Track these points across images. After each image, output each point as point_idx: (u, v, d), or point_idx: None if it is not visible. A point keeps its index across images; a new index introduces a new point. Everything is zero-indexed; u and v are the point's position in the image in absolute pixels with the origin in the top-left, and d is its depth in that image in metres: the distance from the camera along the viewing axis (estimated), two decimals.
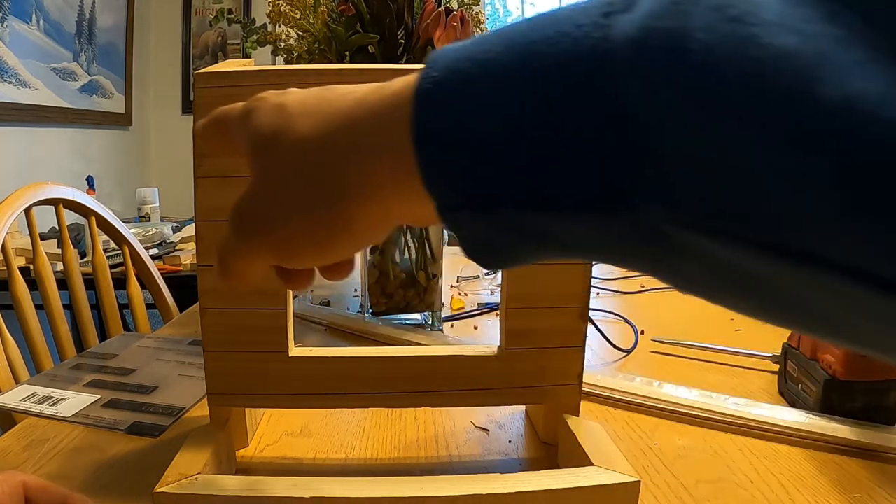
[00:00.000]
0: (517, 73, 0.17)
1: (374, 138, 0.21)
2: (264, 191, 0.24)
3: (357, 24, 0.65)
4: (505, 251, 0.20)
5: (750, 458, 0.46)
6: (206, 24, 3.18)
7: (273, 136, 0.23)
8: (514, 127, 0.17)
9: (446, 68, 0.19)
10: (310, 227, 0.23)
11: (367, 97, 0.22)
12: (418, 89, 0.19)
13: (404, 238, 0.72)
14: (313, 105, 0.23)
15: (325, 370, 0.43)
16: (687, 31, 0.14)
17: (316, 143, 0.22)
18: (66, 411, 0.54)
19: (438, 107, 0.19)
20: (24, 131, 2.24)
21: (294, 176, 0.23)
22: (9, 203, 0.90)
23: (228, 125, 0.27)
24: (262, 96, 0.26)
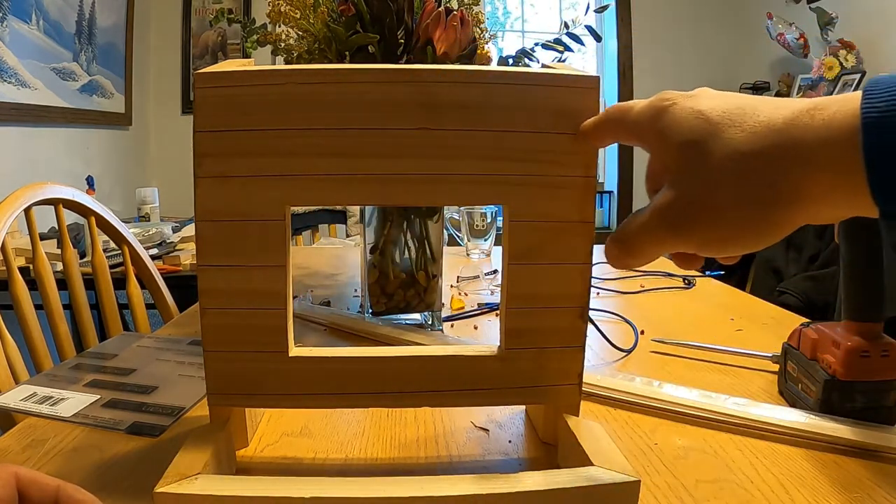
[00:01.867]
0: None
1: (816, 155, 0.25)
2: (698, 192, 0.28)
3: (357, 24, 0.65)
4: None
5: (750, 458, 0.46)
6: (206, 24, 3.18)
7: (700, 140, 0.28)
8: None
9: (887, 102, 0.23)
10: (741, 227, 0.27)
11: (799, 117, 0.26)
12: (865, 118, 0.23)
13: (404, 238, 0.72)
14: (737, 115, 0.27)
15: (325, 370, 0.43)
16: None
17: (752, 154, 0.26)
18: (66, 411, 0.54)
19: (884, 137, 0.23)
20: (24, 131, 2.24)
21: (730, 182, 0.27)
22: (8, 203, 0.90)
23: (628, 122, 0.32)
24: (671, 98, 0.30)
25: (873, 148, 0.23)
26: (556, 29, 0.79)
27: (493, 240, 1.27)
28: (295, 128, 0.40)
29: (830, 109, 0.25)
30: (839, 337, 0.49)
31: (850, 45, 2.75)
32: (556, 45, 0.76)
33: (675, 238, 0.29)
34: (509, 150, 0.41)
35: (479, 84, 0.40)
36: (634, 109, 0.32)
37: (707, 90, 0.31)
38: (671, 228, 0.29)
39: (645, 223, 0.31)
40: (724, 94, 0.30)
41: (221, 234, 0.40)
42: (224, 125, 0.39)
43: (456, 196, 0.43)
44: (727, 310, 0.87)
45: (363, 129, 0.40)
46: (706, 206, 0.28)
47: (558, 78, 0.41)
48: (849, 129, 0.24)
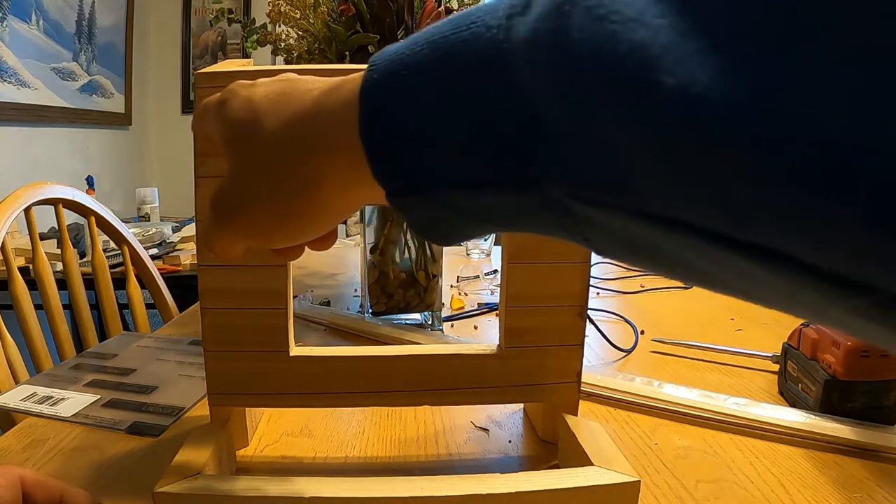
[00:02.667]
0: (439, 73, 0.20)
1: (331, 137, 0.24)
2: (238, 181, 0.27)
3: (357, 24, 0.65)
4: (445, 227, 0.23)
5: (750, 458, 0.46)
6: (206, 24, 3.18)
7: (243, 129, 0.27)
8: (439, 120, 0.20)
9: (383, 70, 0.22)
10: (280, 214, 0.26)
11: (323, 98, 0.25)
12: (361, 91, 0.22)
13: (404, 238, 0.72)
14: (277, 101, 0.26)
15: (326, 370, 0.43)
16: (565, 30, 0.17)
17: (281, 139, 0.25)
18: (66, 411, 0.54)
19: (377, 107, 0.22)
20: (24, 131, 2.24)
21: (263, 169, 0.26)
22: (8, 203, 0.90)
23: (206, 115, 0.30)
24: (233, 88, 0.28)
25: (364, 119, 0.22)
26: None
27: (493, 240, 1.27)
28: None
29: (346, 86, 0.24)
30: (839, 337, 0.49)
31: None
32: None
33: (228, 232, 0.28)
34: None
35: None
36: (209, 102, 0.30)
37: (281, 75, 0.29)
38: (222, 224, 0.28)
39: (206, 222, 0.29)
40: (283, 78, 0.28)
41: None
42: None
43: None
44: (727, 310, 0.87)
45: None
46: (248, 196, 0.26)
47: None
48: (352, 102, 0.22)
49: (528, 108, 0.18)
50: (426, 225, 0.23)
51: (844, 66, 0.12)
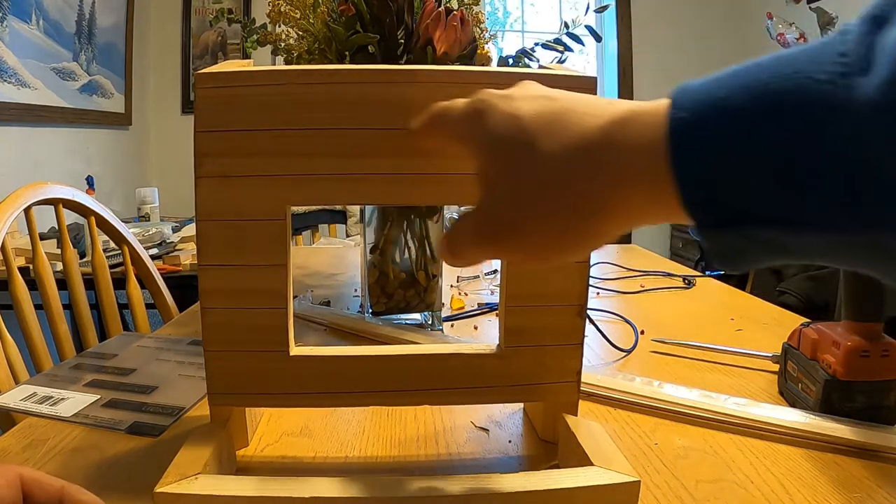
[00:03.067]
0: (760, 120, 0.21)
1: (629, 168, 0.24)
2: (513, 201, 0.27)
3: (357, 24, 0.65)
4: (746, 257, 0.24)
5: (750, 458, 0.46)
6: (206, 24, 3.18)
7: (516, 147, 0.27)
8: (760, 164, 0.21)
9: (694, 112, 0.23)
10: (560, 237, 0.27)
11: (614, 129, 0.25)
12: (671, 130, 0.23)
13: (404, 238, 0.72)
14: (552, 123, 0.26)
15: (326, 369, 0.43)
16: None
17: (567, 164, 0.26)
18: (66, 411, 0.54)
19: (691, 147, 0.23)
20: (24, 131, 2.24)
21: (545, 192, 0.26)
22: (8, 203, 0.90)
23: (449, 123, 0.31)
24: (488, 99, 0.29)
25: (679, 156, 0.23)
26: (556, 29, 0.79)
27: None
28: (295, 128, 0.40)
29: (642, 118, 0.25)
30: (839, 337, 0.49)
31: None
32: (556, 45, 0.76)
33: (496, 246, 0.29)
34: None
35: (479, 84, 0.40)
36: (454, 109, 0.31)
37: (529, 87, 0.30)
38: (490, 237, 0.28)
39: (467, 229, 0.30)
40: (544, 95, 0.28)
41: (222, 234, 0.40)
42: (224, 125, 0.39)
43: (456, 196, 0.43)
44: (727, 310, 0.87)
45: (363, 129, 0.40)
46: (521, 214, 0.27)
47: (556, 79, 0.41)
48: (657, 137, 0.23)
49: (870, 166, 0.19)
50: (727, 254, 0.24)
51: None
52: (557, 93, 0.29)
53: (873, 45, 0.19)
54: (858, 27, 0.21)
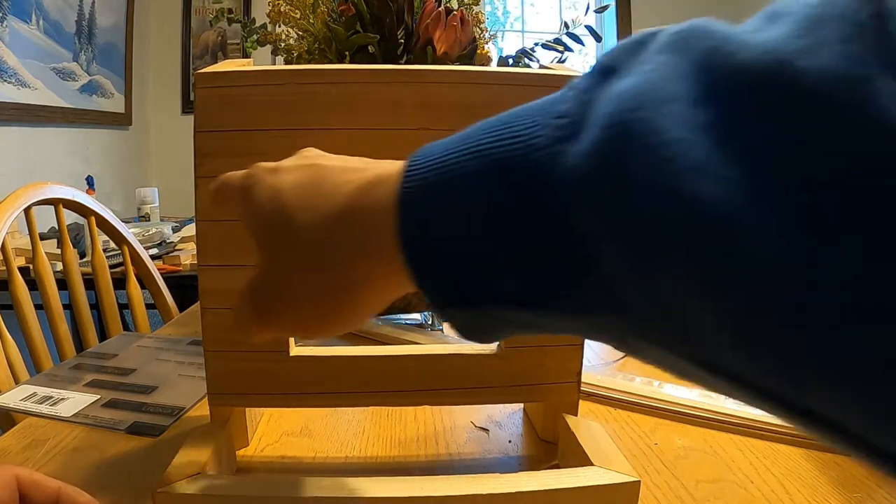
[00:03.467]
0: (482, 190, 0.19)
1: (370, 241, 0.23)
2: (274, 278, 0.26)
3: (357, 24, 0.65)
4: (490, 333, 0.22)
5: (750, 458, 0.46)
6: (206, 24, 3.18)
7: (273, 223, 0.26)
8: (485, 241, 0.19)
9: (422, 179, 0.21)
10: (320, 313, 0.26)
11: (359, 198, 0.24)
12: (401, 200, 0.21)
13: None
14: (307, 195, 0.25)
15: (326, 369, 0.43)
16: (622, 175, 0.16)
17: (317, 240, 0.24)
18: (66, 411, 0.54)
19: (417, 219, 0.21)
20: (24, 131, 2.24)
21: (300, 268, 0.25)
22: (8, 203, 0.90)
23: (229, 195, 0.29)
24: (255, 175, 0.28)
25: (404, 230, 0.21)
26: (556, 29, 0.79)
27: None
28: (295, 128, 0.40)
29: (384, 186, 0.23)
30: None
31: None
32: (556, 45, 0.76)
33: (266, 324, 0.28)
34: None
35: (479, 84, 0.40)
36: (231, 185, 0.29)
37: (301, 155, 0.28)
38: (260, 319, 0.27)
39: (241, 305, 0.29)
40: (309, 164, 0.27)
41: (222, 234, 0.40)
42: (224, 125, 0.39)
43: None
44: None
45: (363, 130, 0.40)
46: (285, 295, 0.26)
47: (556, 79, 0.41)
48: (389, 207, 0.21)
49: (583, 245, 0.17)
50: (469, 329, 0.22)
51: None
52: (326, 158, 0.27)
53: (591, 103, 0.18)
54: (583, 80, 0.19)
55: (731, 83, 0.15)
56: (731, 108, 0.15)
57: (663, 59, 0.17)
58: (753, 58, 0.15)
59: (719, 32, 0.16)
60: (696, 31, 0.17)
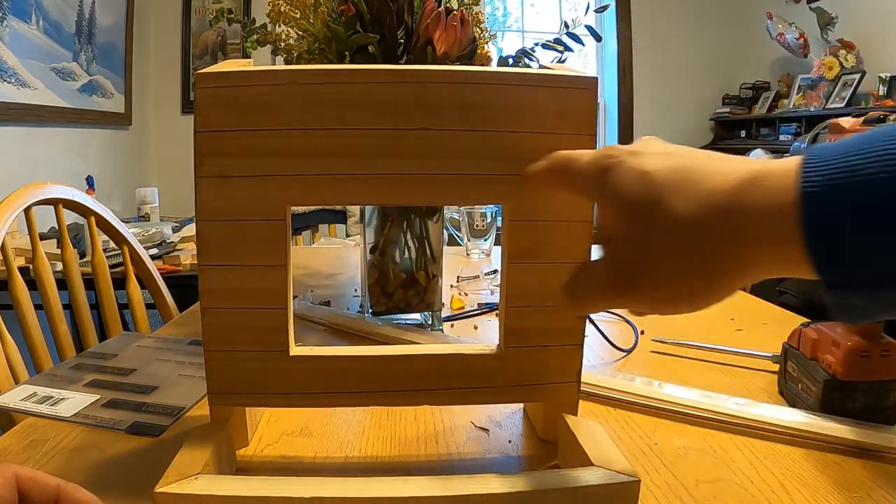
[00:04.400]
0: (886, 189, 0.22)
1: (758, 231, 0.25)
2: (644, 257, 0.28)
3: (357, 24, 0.65)
4: (866, 315, 0.25)
5: (750, 458, 0.46)
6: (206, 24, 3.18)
7: (646, 206, 0.28)
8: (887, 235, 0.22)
9: (825, 180, 0.23)
10: (686, 293, 0.28)
11: (743, 190, 0.26)
12: (805, 194, 0.24)
13: (404, 238, 0.72)
14: (682, 182, 0.27)
15: (326, 369, 0.43)
16: None
17: (696, 225, 0.26)
18: (66, 411, 0.54)
19: (824, 212, 0.23)
20: (24, 131, 2.24)
21: (675, 250, 0.27)
22: (8, 203, 0.90)
23: (574, 174, 0.32)
24: (617, 155, 0.30)
25: (811, 223, 0.24)
26: (556, 29, 0.79)
27: (493, 240, 1.27)
28: (295, 128, 0.40)
29: (771, 180, 0.25)
30: (839, 337, 0.49)
31: (850, 45, 2.75)
32: (556, 45, 0.76)
33: (624, 298, 0.30)
34: (508, 150, 0.41)
35: (479, 84, 0.40)
36: (579, 162, 0.32)
37: (652, 143, 0.31)
38: (619, 291, 0.30)
39: (594, 281, 0.31)
40: (669, 152, 0.29)
41: (222, 234, 0.40)
42: (225, 125, 0.39)
43: (456, 196, 0.43)
44: (727, 310, 0.87)
45: (363, 129, 0.40)
46: (652, 272, 0.28)
47: (556, 79, 0.41)
48: (788, 202, 0.24)
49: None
50: (849, 311, 0.25)
51: None
52: (679, 149, 0.30)
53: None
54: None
55: None
56: None
57: None
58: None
59: None
60: None
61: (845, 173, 0.23)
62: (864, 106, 2.62)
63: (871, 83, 2.65)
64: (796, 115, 3.05)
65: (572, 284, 0.33)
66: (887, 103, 2.50)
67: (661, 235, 0.27)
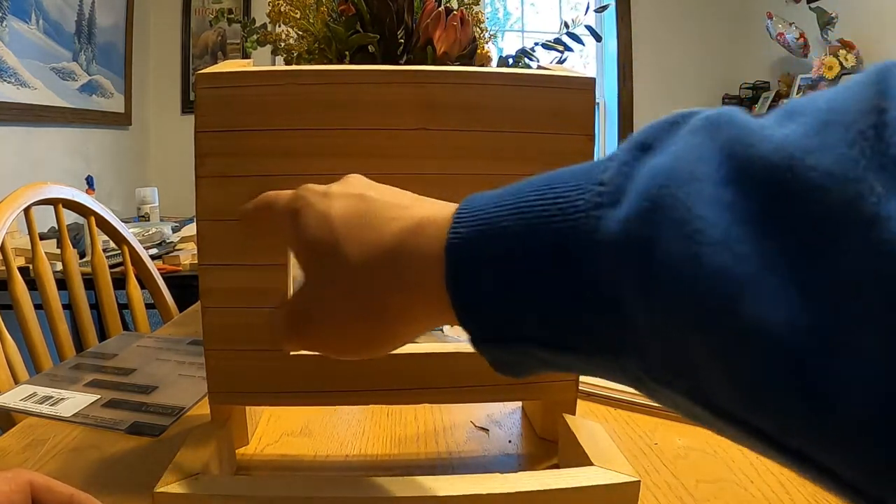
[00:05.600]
0: (524, 247, 0.21)
1: (416, 278, 0.25)
2: (317, 301, 0.29)
3: (357, 24, 0.65)
4: (521, 368, 0.25)
5: (750, 458, 0.46)
6: (206, 24, 3.18)
7: (321, 248, 0.28)
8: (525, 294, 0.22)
9: (468, 232, 0.23)
10: (357, 338, 0.28)
11: (407, 238, 0.26)
12: (448, 249, 0.24)
13: None
14: (356, 226, 0.27)
15: (326, 368, 0.43)
16: (654, 242, 0.18)
17: (363, 269, 0.27)
18: (66, 411, 0.54)
19: (463, 268, 0.23)
20: (24, 131, 2.24)
21: (343, 293, 0.27)
22: (8, 203, 0.90)
23: (273, 214, 0.31)
24: (306, 197, 0.30)
25: (450, 276, 0.24)
26: (557, 29, 0.79)
27: None
28: (295, 128, 0.40)
29: (431, 229, 0.25)
30: None
31: (850, 44, 2.75)
32: (556, 45, 0.76)
33: (305, 342, 0.30)
34: (508, 150, 0.41)
35: (478, 85, 0.40)
36: (277, 204, 0.31)
37: (348, 181, 0.30)
38: (300, 334, 0.30)
39: (281, 323, 0.31)
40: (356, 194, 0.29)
41: (222, 234, 0.41)
42: (225, 125, 0.39)
43: (455, 196, 0.43)
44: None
45: (363, 130, 0.40)
46: (327, 318, 0.28)
47: (555, 79, 0.41)
48: (437, 254, 0.24)
49: (613, 302, 0.19)
50: (503, 364, 0.25)
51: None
52: (371, 189, 0.29)
53: (629, 175, 0.20)
54: (623, 153, 0.21)
55: (750, 172, 0.17)
56: (748, 193, 0.17)
57: (694, 141, 0.19)
58: (769, 151, 0.17)
59: (744, 124, 0.18)
60: (724, 119, 0.19)
61: (486, 224, 0.23)
62: None
63: None
64: None
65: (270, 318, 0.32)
66: None
67: (332, 279, 0.28)
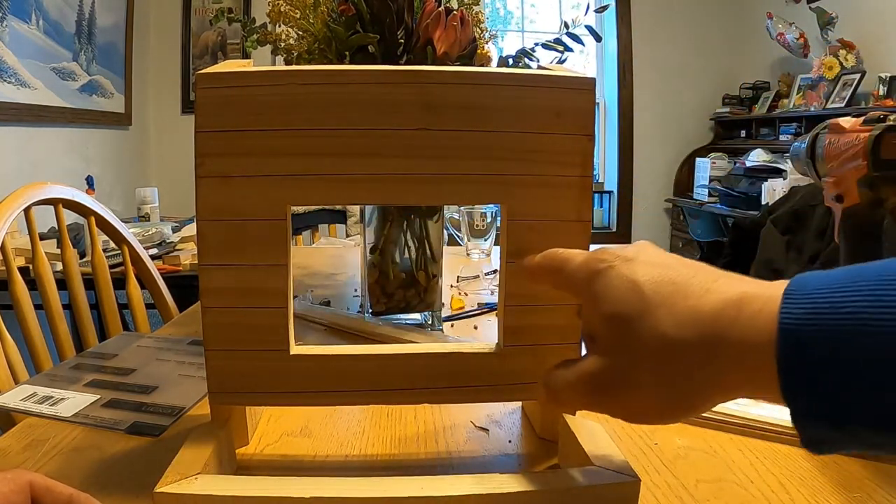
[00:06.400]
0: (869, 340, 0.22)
1: (738, 352, 0.25)
2: (626, 370, 0.28)
3: (357, 24, 0.65)
4: (834, 446, 0.24)
5: (750, 458, 0.46)
6: (206, 24, 3.18)
7: (632, 317, 0.28)
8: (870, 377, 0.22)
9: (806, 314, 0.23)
10: (661, 407, 0.28)
11: (729, 312, 0.26)
12: (782, 327, 0.24)
13: (404, 238, 0.72)
14: (668, 294, 0.27)
15: (326, 368, 0.43)
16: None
17: (679, 339, 0.26)
18: (66, 411, 0.54)
19: (799, 348, 0.23)
20: (24, 131, 2.24)
21: (654, 361, 0.27)
22: (8, 203, 0.90)
23: (564, 275, 0.32)
24: (609, 260, 0.30)
25: (786, 357, 0.24)
26: (557, 29, 0.79)
27: (493, 240, 1.27)
28: (295, 128, 0.40)
29: (755, 306, 0.25)
30: None
31: (850, 44, 2.75)
32: (556, 45, 0.76)
33: (599, 406, 0.30)
34: (508, 150, 0.41)
35: (479, 85, 0.40)
36: (572, 263, 0.32)
37: (646, 250, 0.31)
38: (595, 396, 0.30)
39: (573, 384, 0.31)
40: (661, 262, 0.29)
41: (223, 234, 0.40)
42: (225, 125, 0.39)
43: (456, 196, 0.43)
44: None
45: (364, 130, 0.40)
46: (629, 383, 0.28)
47: (555, 79, 0.41)
48: (768, 332, 0.24)
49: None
50: (820, 442, 0.25)
51: None
52: (670, 259, 0.30)
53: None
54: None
55: None
56: None
57: None
58: None
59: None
60: None
61: (826, 314, 0.23)
62: (864, 106, 2.62)
63: (871, 83, 2.66)
64: (796, 115, 3.05)
65: (553, 379, 0.33)
66: (887, 103, 2.50)
67: (644, 349, 0.27)
